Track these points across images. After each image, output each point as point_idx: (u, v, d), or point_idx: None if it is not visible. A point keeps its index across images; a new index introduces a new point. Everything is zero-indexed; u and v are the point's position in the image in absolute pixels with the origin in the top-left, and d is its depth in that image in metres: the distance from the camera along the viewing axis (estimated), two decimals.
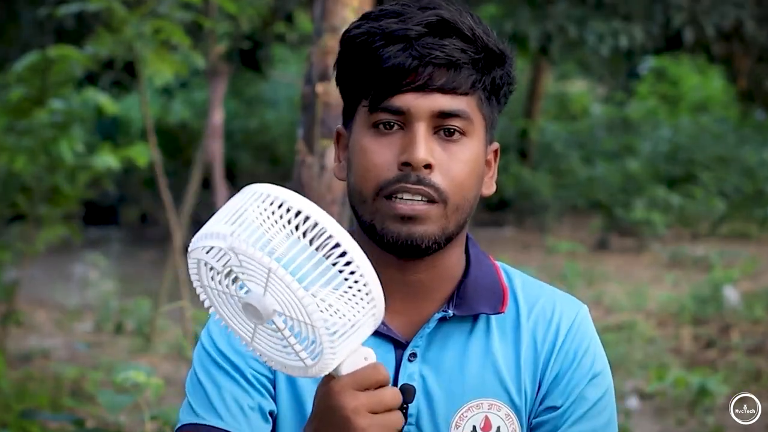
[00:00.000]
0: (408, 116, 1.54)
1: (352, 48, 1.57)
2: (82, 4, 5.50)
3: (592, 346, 1.64)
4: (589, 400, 1.62)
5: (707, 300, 7.92)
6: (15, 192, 6.30)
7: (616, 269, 9.85)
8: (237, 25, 7.09)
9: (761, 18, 9.73)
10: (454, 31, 1.54)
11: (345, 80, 1.61)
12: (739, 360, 6.68)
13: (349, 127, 1.61)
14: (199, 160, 7.27)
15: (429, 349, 1.61)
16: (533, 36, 9.48)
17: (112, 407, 3.68)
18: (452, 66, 1.54)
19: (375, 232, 1.56)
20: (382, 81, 1.54)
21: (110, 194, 12.10)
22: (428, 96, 1.54)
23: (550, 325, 1.63)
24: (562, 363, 1.62)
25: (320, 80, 2.92)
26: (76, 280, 9.18)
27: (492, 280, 1.65)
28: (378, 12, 1.57)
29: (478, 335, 1.62)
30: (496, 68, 1.58)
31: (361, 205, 1.58)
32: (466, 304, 1.61)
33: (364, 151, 1.56)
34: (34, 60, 5.88)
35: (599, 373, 1.63)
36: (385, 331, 1.60)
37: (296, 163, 2.95)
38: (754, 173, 12.51)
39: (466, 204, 1.57)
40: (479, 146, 1.58)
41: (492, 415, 1.60)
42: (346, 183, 1.62)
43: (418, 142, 1.53)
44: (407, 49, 1.52)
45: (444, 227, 1.55)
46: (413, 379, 1.59)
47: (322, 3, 2.97)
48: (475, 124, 1.57)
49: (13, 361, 6.37)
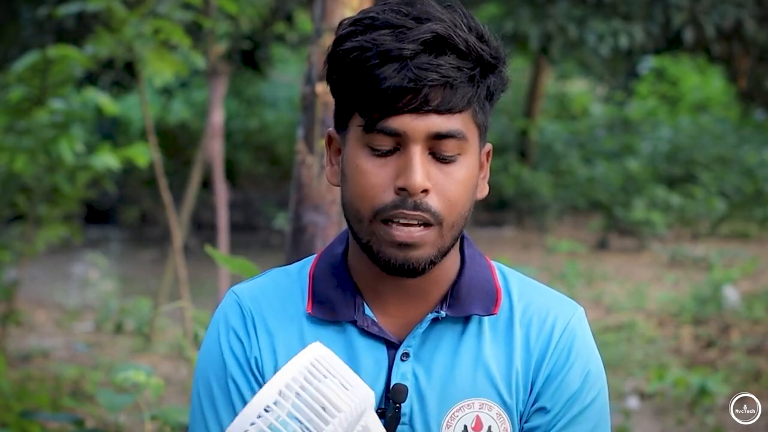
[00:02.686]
0: (404, 138, 1.52)
1: (345, 62, 1.54)
2: (82, 4, 5.50)
3: (586, 348, 1.64)
4: (583, 402, 1.62)
5: (707, 300, 7.93)
6: (15, 192, 6.30)
7: (616, 269, 9.85)
8: (237, 25, 7.09)
9: (761, 18, 9.73)
10: (449, 48, 1.52)
11: (337, 88, 1.58)
12: (739, 360, 6.68)
13: (342, 136, 1.59)
14: (199, 160, 7.27)
15: (422, 349, 1.61)
16: (533, 36, 9.48)
17: (112, 407, 3.68)
18: (448, 86, 1.51)
19: (372, 252, 1.56)
20: (378, 102, 1.51)
21: (110, 194, 12.09)
22: (424, 117, 1.51)
23: (543, 326, 1.63)
24: (554, 364, 1.62)
25: (320, 80, 2.92)
26: (76, 280, 9.19)
27: (486, 281, 1.64)
28: (371, 20, 1.53)
29: (470, 336, 1.62)
30: (490, 76, 1.56)
31: (358, 223, 1.57)
32: (459, 306, 1.61)
33: (360, 172, 1.54)
34: (34, 60, 5.88)
35: (593, 374, 1.63)
36: (377, 332, 1.60)
37: (296, 163, 2.95)
38: (754, 173, 12.51)
39: (460, 219, 1.57)
40: (474, 160, 1.57)
41: (483, 415, 1.60)
42: (340, 192, 1.60)
43: (414, 167, 1.51)
44: (402, 70, 1.49)
45: (440, 247, 1.55)
46: (406, 379, 1.60)
47: (321, 3, 2.97)
48: (470, 140, 1.56)
49: (13, 361, 6.37)
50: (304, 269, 1.67)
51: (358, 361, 1.59)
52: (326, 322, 1.61)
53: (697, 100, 16.94)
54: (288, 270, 1.69)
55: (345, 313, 1.61)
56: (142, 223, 13.50)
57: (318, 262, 1.67)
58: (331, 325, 1.61)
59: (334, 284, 1.63)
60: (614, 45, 9.45)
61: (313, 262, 1.68)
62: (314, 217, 2.91)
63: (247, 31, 7.87)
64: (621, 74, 17.31)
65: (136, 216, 13.51)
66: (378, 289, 1.62)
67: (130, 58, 5.26)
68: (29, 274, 7.47)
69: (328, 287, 1.63)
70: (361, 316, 1.60)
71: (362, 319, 1.60)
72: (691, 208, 11.66)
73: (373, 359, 1.60)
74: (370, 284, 1.62)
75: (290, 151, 14.25)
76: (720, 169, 12.69)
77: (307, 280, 1.65)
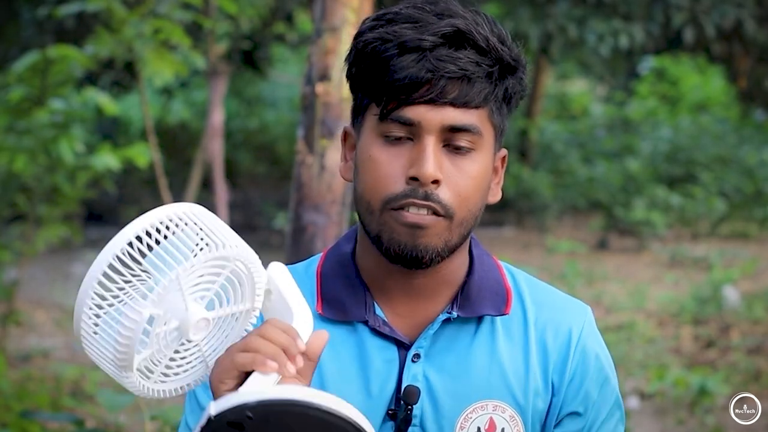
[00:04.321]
0: (418, 128, 1.52)
1: (364, 53, 1.54)
2: (82, 4, 5.49)
3: (602, 348, 1.66)
4: (609, 401, 1.64)
5: (707, 300, 7.93)
6: (15, 192, 6.30)
7: (616, 269, 9.85)
8: (237, 25, 7.09)
9: (761, 18, 9.73)
10: (469, 43, 1.52)
11: (355, 82, 1.58)
12: (739, 360, 6.68)
13: (357, 129, 1.59)
14: (199, 160, 7.28)
15: (433, 350, 1.60)
16: (533, 36, 9.48)
17: (112, 407, 3.68)
18: (465, 79, 1.51)
19: (381, 243, 1.55)
20: (394, 91, 1.51)
21: (110, 194, 12.09)
22: (440, 109, 1.51)
23: (560, 329, 1.63)
24: (576, 367, 1.62)
25: (320, 80, 2.92)
26: (76, 280, 9.17)
27: (496, 281, 1.64)
28: (393, 14, 1.54)
29: (482, 336, 1.61)
30: (509, 77, 1.56)
31: (369, 215, 1.56)
32: (470, 306, 1.61)
33: (373, 162, 1.54)
34: (34, 60, 5.88)
35: (611, 373, 1.65)
36: (388, 332, 1.59)
37: (296, 163, 2.95)
38: (754, 173, 12.51)
39: (470, 217, 1.56)
40: (488, 158, 1.57)
41: (497, 417, 1.59)
42: (353, 187, 1.60)
43: (427, 156, 1.51)
44: (421, 60, 1.50)
45: (447, 240, 1.54)
46: (417, 380, 1.58)
47: (321, 3, 2.97)
48: (484, 137, 1.55)
49: (13, 361, 6.37)
50: (311, 268, 1.66)
51: (368, 362, 1.58)
52: (336, 322, 1.60)
53: (697, 100, 16.94)
54: (293, 269, 1.66)
55: (356, 313, 1.60)
56: None
57: (325, 261, 1.65)
58: (342, 324, 1.60)
59: (343, 283, 1.61)
60: (614, 45, 9.45)
61: (320, 261, 1.66)
62: (314, 217, 2.91)
63: (247, 31, 7.87)
64: (621, 74, 17.31)
65: (136, 215, 13.47)
66: (387, 288, 1.60)
67: (130, 58, 5.26)
68: (29, 274, 7.47)
69: (337, 286, 1.61)
70: (372, 315, 1.59)
71: (373, 319, 1.59)
72: (691, 208, 11.66)
73: (383, 360, 1.59)
74: (379, 283, 1.60)
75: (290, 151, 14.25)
76: (720, 169, 12.69)
77: (315, 279, 1.64)
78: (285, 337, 1.38)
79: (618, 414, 1.66)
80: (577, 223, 12.62)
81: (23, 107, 5.98)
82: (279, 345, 1.37)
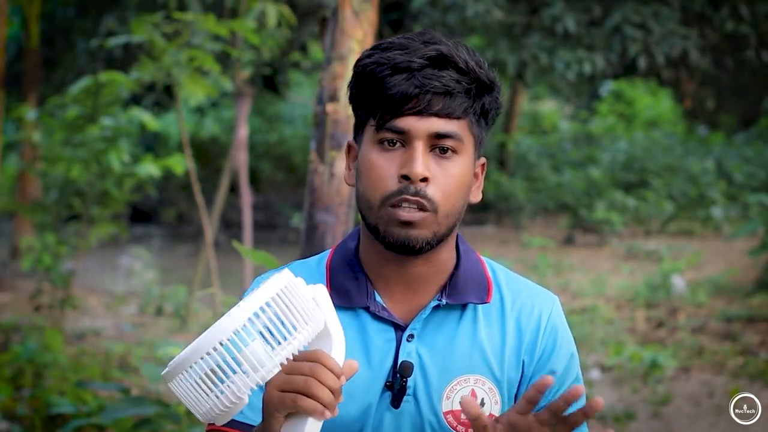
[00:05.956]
0: (408, 136, 1.54)
1: (363, 75, 1.57)
2: (128, 37, 5.49)
3: (566, 331, 1.67)
4: (571, 375, 1.64)
5: (658, 287, 7.93)
6: (71, 196, 6.30)
7: (580, 261, 9.85)
8: (259, 54, 7.08)
9: (704, 48, 9.73)
10: (451, 64, 1.54)
11: (356, 101, 1.61)
12: (684, 338, 6.68)
13: (358, 141, 1.61)
14: (227, 169, 7.26)
15: (425, 332, 1.61)
16: (511, 63, 9.48)
17: (154, 378, 3.68)
18: (448, 94, 1.54)
19: (378, 233, 1.57)
20: (388, 105, 1.54)
21: (152, 197, 12.09)
22: (426, 119, 1.54)
23: (531, 314, 1.64)
24: (545, 347, 1.63)
25: (330, 101, 2.92)
26: (122, 270, 9.18)
27: (479, 274, 1.65)
28: (387, 44, 1.57)
29: (466, 321, 1.62)
30: (486, 95, 1.58)
31: (368, 210, 1.57)
32: (457, 295, 1.62)
33: (371, 165, 1.56)
34: (88, 84, 5.88)
35: (574, 350, 1.66)
36: (387, 316, 1.60)
37: (309, 171, 2.94)
38: (698, 180, 12.51)
39: (454, 211, 1.57)
40: (468, 162, 1.59)
41: (477, 389, 1.60)
42: (355, 189, 1.61)
43: (416, 158, 1.53)
44: (410, 79, 1.53)
45: (435, 231, 1.56)
46: (411, 357, 1.59)
47: (331, 35, 2.97)
48: (465, 143, 1.57)
49: (69, 339, 6.37)
50: (322, 261, 1.67)
51: (370, 341, 1.60)
52: (342, 308, 1.60)
53: (649, 118, 16.93)
54: (307, 262, 1.68)
55: (359, 300, 1.61)
56: (179, 222, 13.49)
57: (333, 255, 1.66)
58: (347, 310, 1.61)
59: (348, 275, 1.62)
60: (579, 71, 9.45)
61: (329, 255, 1.67)
62: (325, 217, 2.90)
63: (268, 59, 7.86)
64: (585, 96, 17.32)
65: (173, 216, 13.51)
66: (386, 279, 1.61)
67: (168, 81, 5.25)
68: (83, 266, 7.46)
69: (344, 277, 1.62)
70: (372, 302, 1.60)
71: (374, 305, 1.60)
72: (644, 209, 11.66)
73: (383, 340, 1.60)
74: (379, 273, 1.61)
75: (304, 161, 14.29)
76: (669, 177, 12.69)
77: (325, 271, 1.65)
78: (335, 381, 1.39)
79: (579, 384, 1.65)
80: (547, 222, 12.61)
81: (78, 124, 5.98)
82: (330, 389, 1.39)
